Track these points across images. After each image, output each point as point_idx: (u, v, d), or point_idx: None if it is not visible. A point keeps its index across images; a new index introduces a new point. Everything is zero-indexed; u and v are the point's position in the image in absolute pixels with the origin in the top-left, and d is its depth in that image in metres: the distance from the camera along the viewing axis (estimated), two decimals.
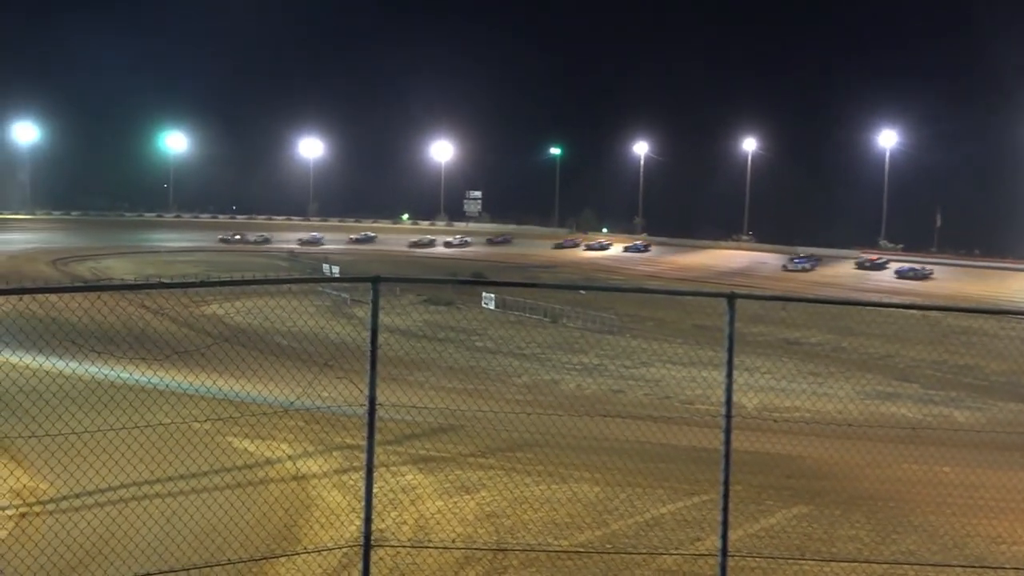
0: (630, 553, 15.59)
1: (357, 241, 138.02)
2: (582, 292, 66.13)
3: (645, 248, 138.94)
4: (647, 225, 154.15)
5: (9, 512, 17.91)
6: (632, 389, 42.27)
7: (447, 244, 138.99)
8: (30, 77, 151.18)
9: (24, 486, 19.33)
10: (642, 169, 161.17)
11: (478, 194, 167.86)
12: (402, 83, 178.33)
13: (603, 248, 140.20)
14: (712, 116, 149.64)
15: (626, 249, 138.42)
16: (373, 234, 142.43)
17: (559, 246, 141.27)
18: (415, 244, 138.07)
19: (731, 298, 10.34)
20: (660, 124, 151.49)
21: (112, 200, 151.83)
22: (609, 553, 15.58)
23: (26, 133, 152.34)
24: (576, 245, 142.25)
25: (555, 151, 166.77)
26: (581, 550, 16.00)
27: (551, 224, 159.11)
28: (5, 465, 20.17)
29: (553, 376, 43.71)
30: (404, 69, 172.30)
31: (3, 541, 15.85)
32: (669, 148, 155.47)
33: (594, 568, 15.22)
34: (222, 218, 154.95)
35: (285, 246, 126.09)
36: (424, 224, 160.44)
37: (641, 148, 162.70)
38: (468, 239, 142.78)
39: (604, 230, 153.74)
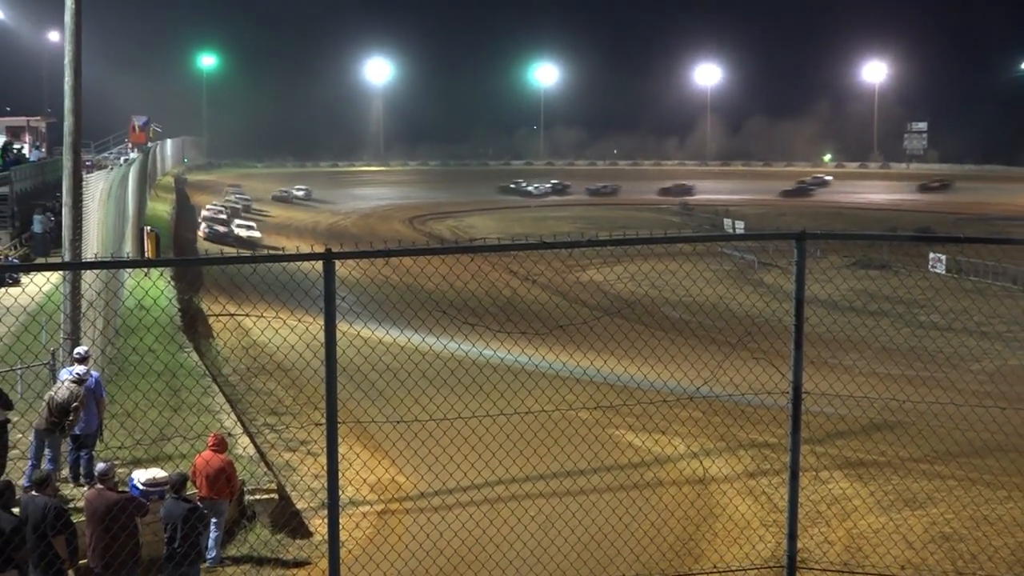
0: None
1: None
2: None
3: None
4: None
5: (370, 508, 19.43)
6: None
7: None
8: (383, 6, 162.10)
9: (387, 479, 20.88)
10: None
11: (923, 126, 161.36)
12: None
13: None
14: None
15: None
16: None
17: None
18: (794, 190, 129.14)
19: None
20: None
21: (474, 147, 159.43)
22: None
23: (379, 71, 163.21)
24: None
25: None
26: None
27: (1023, 163, 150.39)
28: (371, 454, 21.87)
29: None
30: None
31: (370, 541, 17.22)
32: None
33: None
34: (601, 164, 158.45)
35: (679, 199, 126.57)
36: (852, 166, 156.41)
37: None
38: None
39: None
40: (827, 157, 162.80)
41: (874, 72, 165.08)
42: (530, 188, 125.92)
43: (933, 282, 61.32)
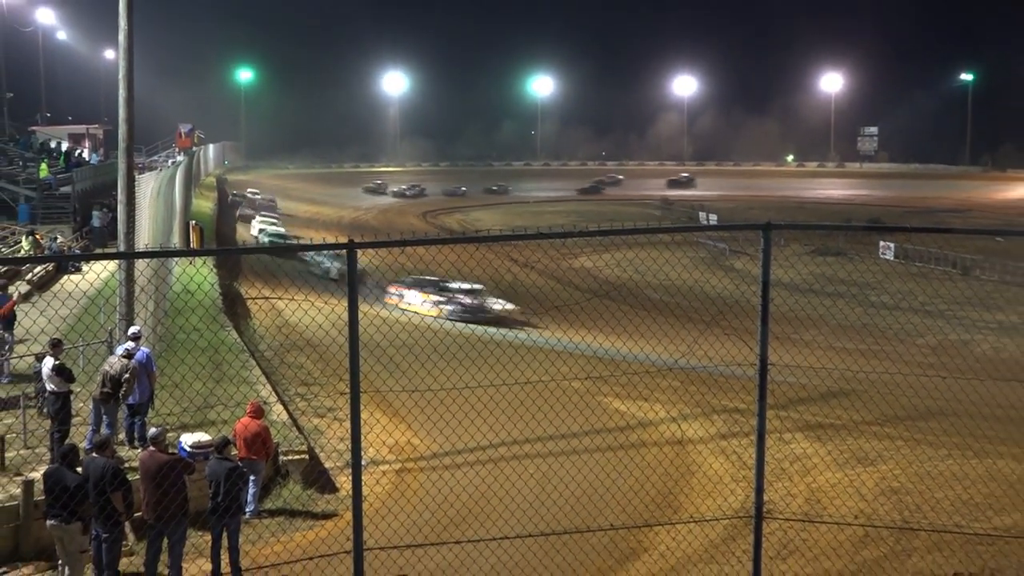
0: None
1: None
2: (1000, 240, 61.88)
3: None
4: None
5: (389, 467, 19.45)
6: None
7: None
8: (400, 27, 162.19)
9: (404, 441, 20.90)
10: None
11: (873, 130, 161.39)
12: (783, 8, 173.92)
13: None
14: None
15: None
16: None
17: None
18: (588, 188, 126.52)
19: None
20: None
21: (479, 149, 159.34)
22: None
23: (395, 83, 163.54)
24: None
25: (965, 78, 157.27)
26: (1002, 534, 15.19)
27: (961, 162, 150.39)
28: (390, 419, 21.88)
29: (964, 336, 41.45)
30: None
31: (389, 495, 17.25)
32: None
33: (1018, 556, 14.40)
34: (591, 165, 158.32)
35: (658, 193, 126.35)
36: (811, 165, 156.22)
37: None
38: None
39: None
40: (790, 157, 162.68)
41: (831, 82, 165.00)
42: (394, 189, 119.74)
43: (883, 267, 61.27)
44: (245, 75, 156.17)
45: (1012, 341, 39.24)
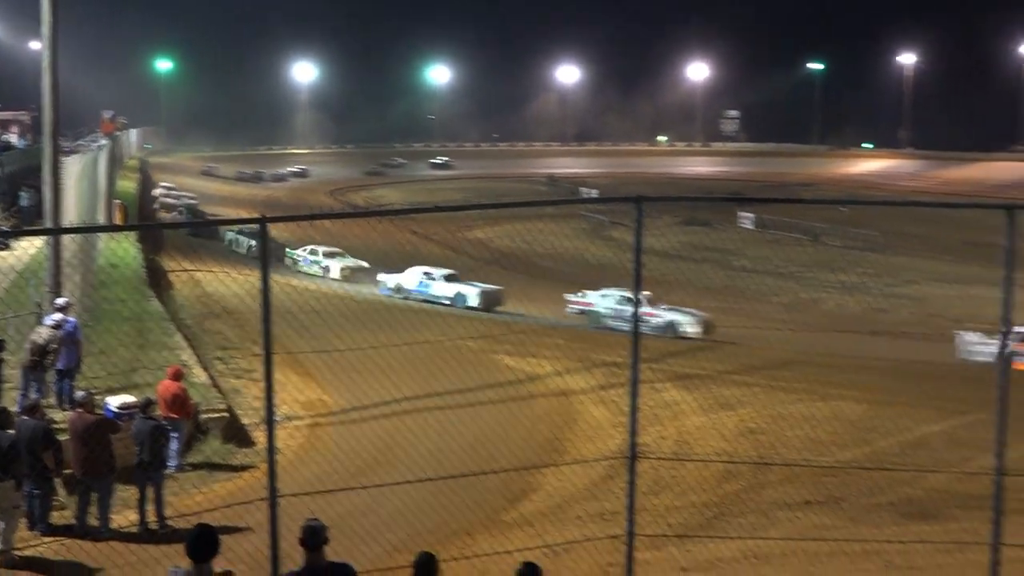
0: (896, 470, 15.13)
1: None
2: (843, 209, 63.48)
3: None
4: (913, 139, 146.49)
5: (303, 422, 19.30)
6: (896, 308, 40.57)
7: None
8: (307, 22, 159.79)
9: (315, 398, 20.73)
10: (908, 81, 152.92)
11: (735, 113, 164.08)
12: (657, 2, 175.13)
13: None
14: (988, 20, 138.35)
15: None
16: None
17: None
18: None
19: (1010, 210, 9.67)
20: (930, 33, 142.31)
21: (383, 132, 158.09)
22: (874, 470, 15.17)
23: (305, 72, 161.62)
24: None
25: (816, 66, 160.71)
26: (844, 467, 15.67)
27: (811, 142, 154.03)
28: (301, 378, 21.70)
29: (813, 295, 42.52)
30: None
31: (301, 447, 17.13)
32: (940, 58, 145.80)
33: (858, 485, 14.87)
34: (484, 146, 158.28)
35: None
36: (681, 145, 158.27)
37: (907, 59, 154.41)
38: None
39: (867, 146, 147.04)
40: (662, 138, 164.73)
41: (697, 70, 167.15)
42: (226, 174, 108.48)
43: (743, 235, 62.45)
44: (164, 64, 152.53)
45: (853, 299, 40.38)
